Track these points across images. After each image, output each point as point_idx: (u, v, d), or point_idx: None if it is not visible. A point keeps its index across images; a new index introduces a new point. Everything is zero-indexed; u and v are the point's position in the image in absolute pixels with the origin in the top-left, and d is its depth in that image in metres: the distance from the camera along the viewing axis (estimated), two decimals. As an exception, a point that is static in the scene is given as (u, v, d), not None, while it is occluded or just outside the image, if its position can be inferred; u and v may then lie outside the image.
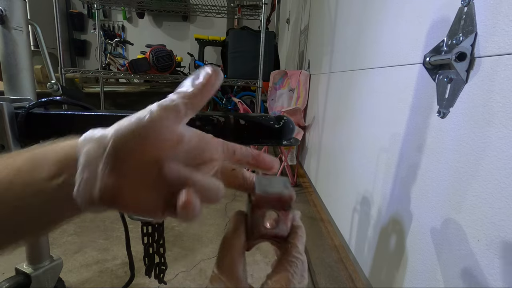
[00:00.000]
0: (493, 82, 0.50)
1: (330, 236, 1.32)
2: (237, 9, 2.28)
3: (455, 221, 0.57)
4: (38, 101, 0.44)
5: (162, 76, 2.02)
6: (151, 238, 0.61)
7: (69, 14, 4.81)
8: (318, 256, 1.21)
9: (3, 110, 0.44)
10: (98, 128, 0.20)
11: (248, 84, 1.99)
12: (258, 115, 0.32)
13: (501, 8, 0.49)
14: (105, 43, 3.74)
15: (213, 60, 4.63)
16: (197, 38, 4.28)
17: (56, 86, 0.71)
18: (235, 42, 2.38)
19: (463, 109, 0.57)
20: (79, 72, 2.19)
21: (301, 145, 2.18)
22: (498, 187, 0.48)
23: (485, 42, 0.52)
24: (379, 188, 0.90)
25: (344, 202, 1.23)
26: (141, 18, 4.89)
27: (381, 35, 0.97)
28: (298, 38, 2.73)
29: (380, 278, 0.87)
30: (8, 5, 0.59)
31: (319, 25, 1.94)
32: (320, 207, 1.57)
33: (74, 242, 1.21)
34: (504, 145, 0.47)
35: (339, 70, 1.42)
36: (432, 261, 0.63)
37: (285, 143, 0.33)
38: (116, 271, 1.06)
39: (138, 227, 0.61)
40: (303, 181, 2.02)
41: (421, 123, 0.70)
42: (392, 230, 0.81)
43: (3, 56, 0.62)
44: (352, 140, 1.18)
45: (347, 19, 1.36)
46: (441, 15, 0.64)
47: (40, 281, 0.76)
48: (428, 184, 0.66)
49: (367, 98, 1.06)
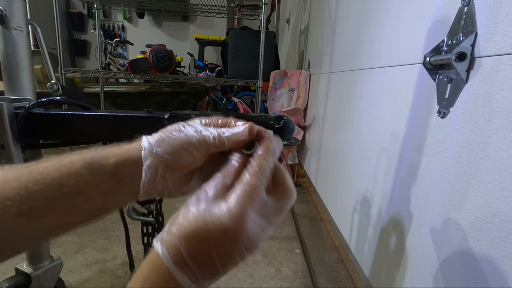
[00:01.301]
0: (493, 82, 0.50)
1: (330, 236, 1.32)
2: (237, 9, 2.28)
3: (455, 221, 0.57)
4: (38, 101, 0.44)
5: (162, 76, 2.02)
6: (151, 238, 0.61)
7: (69, 14, 4.81)
8: (318, 256, 1.21)
9: (3, 110, 0.44)
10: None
11: (248, 84, 1.99)
12: (258, 115, 0.32)
13: (501, 8, 0.49)
14: (105, 43, 3.74)
15: (213, 60, 4.63)
16: (197, 38, 4.28)
17: (56, 86, 0.71)
18: (235, 42, 2.38)
19: (463, 109, 0.57)
20: (79, 72, 2.19)
21: (301, 145, 2.18)
22: (498, 187, 0.48)
23: (485, 42, 0.52)
24: (379, 188, 0.90)
25: (344, 202, 1.23)
26: (141, 18, 4.89)
27: (381, 35, 0.97)
28: (298, 38, 2.73)
29: (380, 278, 0.87)
30: (8, 5, 0.59)
31: (319, 25, 1.94)
32: (320, 207, 1.57)
33: (74, 242, 1.21)
34: (504, 145, 0.47)
35: (339, 70, 1.42)
36: (432, 261, 0.63)
37: (285, 143, 0.33)
38: (116, 271, 1.06)
39: (138, 227, 0.61)
40: (303, 181, 2.02)
41: (421, 123, 0.70)
42: (392, 230, 0.81)
43: (3, 56, 0.62)
44: (352, 140, 1.18)
45: (347, 19, 1.36)
46: (441, 15, 0.64)
47: (40, 281, 0.76)
48: (428, 184, 0.66)
49: (367, 98, 1.06)
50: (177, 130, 0.27)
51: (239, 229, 0.21)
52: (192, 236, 0.21)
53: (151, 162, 0.26)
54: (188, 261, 0.21)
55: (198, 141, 0.26)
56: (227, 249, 0.21)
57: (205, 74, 3.49)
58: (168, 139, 0.26)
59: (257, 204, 0.23)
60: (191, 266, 0.21)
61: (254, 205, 0.22)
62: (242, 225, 0.21)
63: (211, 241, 0.21)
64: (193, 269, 0.21)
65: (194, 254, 0.21)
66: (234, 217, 0.21)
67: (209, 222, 0.21)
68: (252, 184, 0.23)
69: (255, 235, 0.22)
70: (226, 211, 0.21)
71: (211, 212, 0.21)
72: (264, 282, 1.05)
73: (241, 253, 0.22)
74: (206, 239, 0.21)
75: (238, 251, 0.22)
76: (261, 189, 0.23)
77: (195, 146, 0.26)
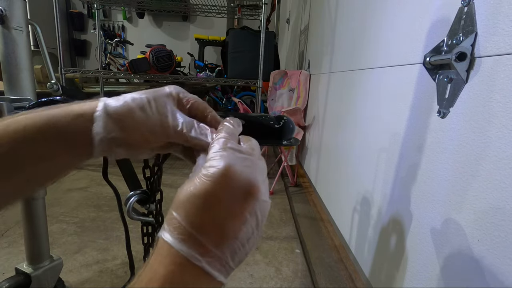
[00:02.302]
0: (493, 82, 0.50)
1: (330, 236, 1.32)
2: (237, 9, 2.28)
3: (455, 221, 0.57)
4: (38, 101, 0.44)
5: (162, 76, 2.02)
6: (151, 238, 0.61)
7: (69, 14, 4.81)
8: (318, 256, 1.21)
9: (3, 110, 0.44)
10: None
11: (248, 84, 1.99)
12: (258, 115, 0.32)
13: (501, 8, 0.49)
14: (105, 43, 3.74)
15: (213, 60, 4.63)
16: (197, 38, 4.28)
17: (56, 86, 0.71)
18: (235, 42, 2.38)
19: (463, 109, 0.57)
20: (79, 72, 2.19)
21: (301, 145, 2.18)
22: (498, 187, 0.48)
23: (485, 42, 0.52)
24: (379, 188, 0.90)
25: (344, 202, 1.23)
26: (141, 18, 4.89)
27: (381, 35, 0.97)
28: (298, 38, 2.73)
29: (380, 278, 0.87)
30: (8, 5, 0.59)
31: (319, 25, 1.94)
32: (320, 207, 1.57)
33: (74, 242, 1.21)
34: (504, 145, 0.47)
35: (339, 70, 1.42)
36: (432, 261, 0.63)
37: (285, 143, 0.33)
38: (116, 271, 1.06)
39: (138, 227, 0.61)
40: (303, 181, 2.02)
41: (421, 123, 0.70)
42: (392, 230, 0.81)
43: (3, 56, 0.62)
44: (352, 140, 1.18)
45: (347, 19, 1.36)
46: (441, 15, 0.64)
47: (40, 281, 0.76)
48: (428, 184, 0.66)
49: (367, 98, 1.06)
50: (141, 108, 0.24)
51: (227, 175, 0.20)
52: (186, 202, 0.20)
53: (102, 136, 0.23)
54: (188, 229, 0.19)
55: (163, 129, 0.24)
56: (224, 201, 0.20)
57: (205, 74, 3.49)
58: (129, 118, 0.24)
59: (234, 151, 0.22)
60: (194, 234, 0.19)
61: (231, 152, 0.22)
62: (228, 168, 0.20)
63: (204, 199, 0.20)
64: (197, 236, 0.19)
65: (193, 219, 0.20)
66: (216, 165, 0.20)
67: (197, 183, 0.20)
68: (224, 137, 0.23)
69: (248, 173, 0.21)
70: (208, 167, 0.21)
71: (198, 175, 0.21)
72: (264, 282, 1.05)
73: (241, 199, 0.21)
74: (199, 199, 0.20)
75: (236, 199, 0.20)
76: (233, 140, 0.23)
77: (157, 134, 0.24)
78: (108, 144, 0.24)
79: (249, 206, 0.21)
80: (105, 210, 1.50)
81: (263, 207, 0.22)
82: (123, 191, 0.49)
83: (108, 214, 1.45)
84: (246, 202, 0.21)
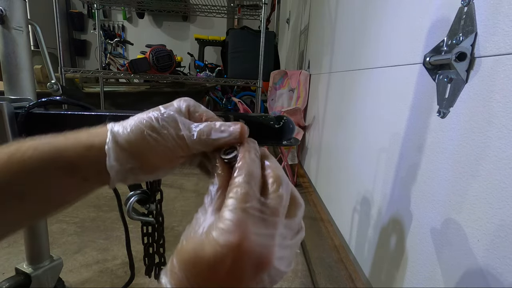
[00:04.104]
0: (493, 82, 0.50)
1: (330, 236, 1.32)
2: (237, 9, 2.28)
3: (455, 221, 0.57)
4: (38, 101, 0.44)
5: (162, 76, 2.02)
6: (151, 238, 0.61)
7: (69, 14, 4.81)
8: (318, 256, 1.21)
9: (3, 110, 0.44)
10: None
11: (248, 84, 1.99)
12: (258, 115, 0.32)
13: (501, 8, 0.49)
14: (105, 43, 3.74)
15: (213, 60, 4.63)
16: (197, 38, 4.28)
17: (56, 86, 0.71)
18: (235, 42, 2.38)
19: (463, 109, 0.57)
20: (79, 72, 2.19)
21: (301, 145, 2.18)
22: (498, 187, 0.48)
23: (485, 42, 0.52)
24: (379, 188, 0.90)
25: (344, 202, 1.23)
26: (141, 18, 4.89)
27: (381, 35, 0.97)
28: (298, 38, 2.73)
29: (380, 278, 0.87)
30: (8, 5, 0.59)
31: (319, 25, 1.94)
32: (320, 207, 1.57)
33: (74, 242, 1.21)
34: (504, 145, 0.47)
35: (339, 70, 1.42)
36: (432, 261, 0.63)
37: (285, 143, 0.33)
38: (116, 271, 1.06)
39: (138, 227, 0.61)
40: (303, 181, 2.02)
41: (421, 123, 0.70)
42: (392, 230, 0.81)
43: (3, 56, 0.62)
44: (352, 140, 1.18)
45: (347, 19, 1.36)
46: (441, 15, 0.64)
47: (40, 281, 0.76)
48: (428, 184, 0.66)
49: (367, 98, 1.06)
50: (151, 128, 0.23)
51: (239, 249, 0.18)
52: (190, 262, 0.19)
53: (117, 169, 0.23)
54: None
55: (176, 145, 0.23)
56: (231, 270, 0.19)
57: (205, 74, 3.49)
58: (140, 143, 0.23)
59: (253, 213, 0.20)
60: None
61: (249, 216, 0.19)
62: (242, 240, 0.18)
63: (209, 266, 0.19)
64: None
65: (196, 281, 0.19)
66: (230, 233, 0.19)
67: (206, 245, 0.19)
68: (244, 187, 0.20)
69: (262, 247, 0.19)
70: (220, 230, 0.19)
71: (208, 236, 0.19)
72: (264, 282, 1.05)
73: (249, 271, 0.19)
74: (205, 265, 0.19)
75: (244, 270, 0.19)
76: (254, 196, 0.21)
77: (175, 149, 0.23)
78: (124, 174, 0.23)
79: (257, 277, 0.20)
80: (105, 210, 1.49)
81: (273, 273, 0.21)
82: (123, 191, 0.49)
83: (108, 214, 1.45)
84: (255, 273, 0.20)
